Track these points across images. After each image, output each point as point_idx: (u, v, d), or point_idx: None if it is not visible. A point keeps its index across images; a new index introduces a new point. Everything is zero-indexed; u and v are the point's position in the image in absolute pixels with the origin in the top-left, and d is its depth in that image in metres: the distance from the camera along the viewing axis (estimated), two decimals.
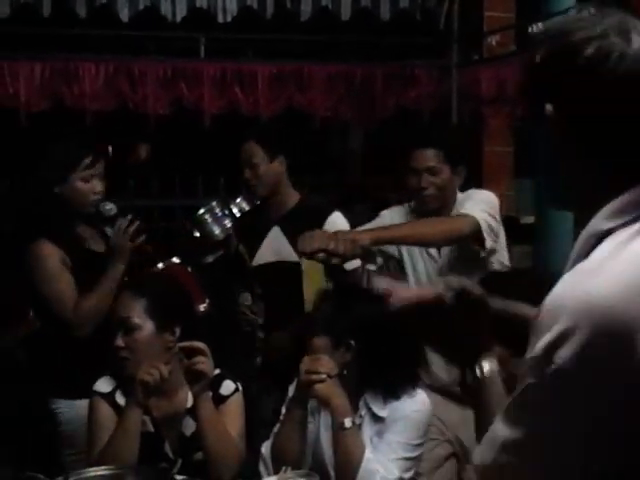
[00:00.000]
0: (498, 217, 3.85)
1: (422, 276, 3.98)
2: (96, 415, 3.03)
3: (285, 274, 4.17)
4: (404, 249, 4.01)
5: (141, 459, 2.88)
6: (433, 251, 3.97)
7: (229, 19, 5.84)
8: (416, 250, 3.99)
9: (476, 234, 3.69)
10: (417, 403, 2.96)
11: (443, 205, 3.90)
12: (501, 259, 3.93)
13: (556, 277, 1.39)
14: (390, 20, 6.12)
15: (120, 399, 3.01)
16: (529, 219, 6.23)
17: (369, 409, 2.95)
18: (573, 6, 5.50)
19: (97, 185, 3.75)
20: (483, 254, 3.77)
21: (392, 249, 4.01)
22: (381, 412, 2.94)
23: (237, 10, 5.85)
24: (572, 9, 5.50)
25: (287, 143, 4.37)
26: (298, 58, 6.07)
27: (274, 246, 4.24)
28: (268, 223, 4.27)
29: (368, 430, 2.93)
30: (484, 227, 3.70)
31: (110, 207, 3.79)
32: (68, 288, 3.70)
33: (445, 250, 3.94)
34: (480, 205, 3.77)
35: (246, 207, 4.55)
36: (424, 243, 3.77)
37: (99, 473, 2.70)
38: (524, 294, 2.57)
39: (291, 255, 4.06)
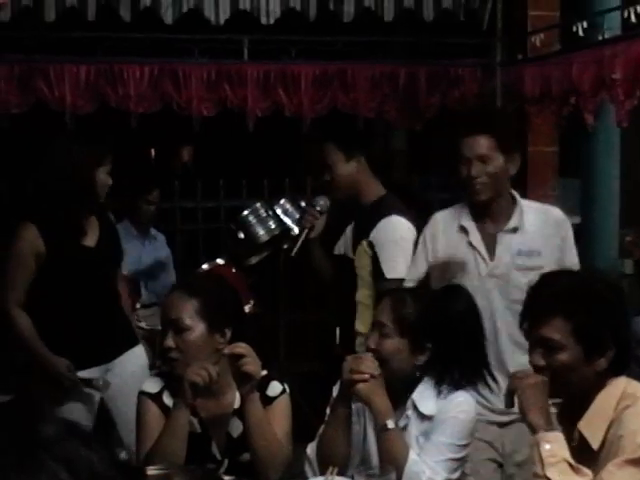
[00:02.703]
0: None
1: None
2: (144, 415, 3.04)
3: (338, 269, 4.20)
4: None
5: (188, 460, 2.88)
6: None
7: (272, 21, 5.84)
8: None
9: None
10: (463, 403, 2.94)
11: (495, 195, 3.66)
12: None
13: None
14: (433, 20, 6.10)
15: (168, 400, 3.01)
16: (575, 219, 6.19)
17: (415, 408, 2.94)
18: (619, 5, 5.45)
19: (109, 179, 4.02)
20: None
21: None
22: (428, 411, 2.93)
23: (280, 12, 5.86)
24: (617, 8, 5.45)
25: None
26: (342, 59, 6.07)
27: (345, 239, 4.21)
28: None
29: (414, 429, 2.92)
30: None
31: (323, 202, 4.16)
32: (17, 275, 3.93)
33: None
34: None
35: (290, 208, 4.56)
36: None
37: (147, 473, 2.72)
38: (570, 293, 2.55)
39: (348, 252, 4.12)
